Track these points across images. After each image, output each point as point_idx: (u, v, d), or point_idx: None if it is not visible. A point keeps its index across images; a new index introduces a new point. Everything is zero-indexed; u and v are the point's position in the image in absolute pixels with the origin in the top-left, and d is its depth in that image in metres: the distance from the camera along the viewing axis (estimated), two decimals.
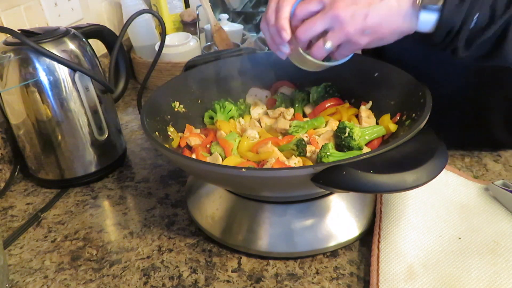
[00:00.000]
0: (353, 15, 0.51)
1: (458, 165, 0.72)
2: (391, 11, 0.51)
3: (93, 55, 0.75)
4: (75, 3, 1.06)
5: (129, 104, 1.08)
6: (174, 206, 0.69)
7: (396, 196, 0.61)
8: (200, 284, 0.55)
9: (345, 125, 0.61)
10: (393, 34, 0.53)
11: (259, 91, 0.77)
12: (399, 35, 0.53)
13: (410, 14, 0.51)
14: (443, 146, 0.48)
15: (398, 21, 0.51)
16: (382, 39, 0.53)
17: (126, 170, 0.80)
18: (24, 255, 0.62)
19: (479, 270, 0.50)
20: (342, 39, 0.53)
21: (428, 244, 0.54)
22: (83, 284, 0.56)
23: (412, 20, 0.51)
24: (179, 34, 1.16)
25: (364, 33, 0.52)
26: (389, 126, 0.63)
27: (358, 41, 0.53)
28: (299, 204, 0.58)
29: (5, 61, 0.67)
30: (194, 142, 0.67)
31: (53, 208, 0.72)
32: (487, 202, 0.61)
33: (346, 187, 0.45)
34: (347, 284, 0.53)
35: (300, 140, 0.61)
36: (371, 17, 0.51)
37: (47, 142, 0.73)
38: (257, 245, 0.57)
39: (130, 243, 0.62)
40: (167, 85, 0.70)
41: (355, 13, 0.51)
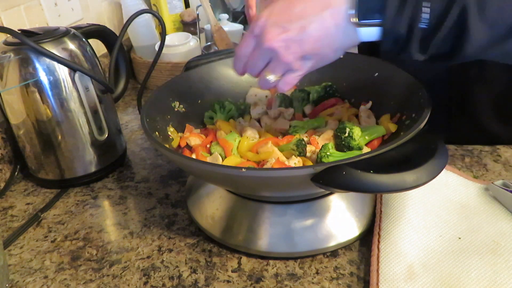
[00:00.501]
0: (287, 44, 0.48)
1: (458, 165, 0.72)
2: (328, 31, 0.48)
3: (93, 55, 0.75)
4: (75, 3, 1.06)
5: (129, 104, 1.08)
6: (174, 206, 0.69)
7: (396, 196, 0.61)
8: (200, 284, 0.55)
9: (345, 125, 0.61)
10: (337, 51, 0.51)
11: (259, 91, 0.77)
12: (344, 50, 0.51)
13: (349, 30, 0.48)
14: (443, 146, 0.48)
15: (337, 39, 0.49)
16: (327, 59, 0.51)
17: (126, 170, 0.80)
18: (24, 255, 0.62)
19: (479, 270, 0.50)
20: (283, 69, 0.51)
21: (428, 244, 0.54)
22: (83, 284, 0.56)
23: (353, 35, 0.49)
24: (179, 34, 1.16)
25: (305, 58, 0.50)
26: (389, 126, 0.63)
27: (301, 67, 0.50)
28: (299, 204, 0.58)
29: (5, 61, 0.67)
30: (194, 142, 0.67)
31: (53, 208, 0.72)
32: (487, 202, 0.61)
33: (346, 187, 0.45)
34: (347, 284, 0.53)
35: (300, 140, 0.61)
36: (307, 42, 0.48)
37: (47, 142, 0.73)
38: (257, 245, 0.57)
39: (130, 243, 0.62)
40: (167, 85, 0.70)
41: (289, 41, 0.48)
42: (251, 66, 0.53)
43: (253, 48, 0.51)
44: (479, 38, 0.44)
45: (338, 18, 0.47)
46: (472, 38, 0.44)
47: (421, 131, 0.50)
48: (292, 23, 0.48)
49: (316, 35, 0.48)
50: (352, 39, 0.49)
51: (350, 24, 0.47)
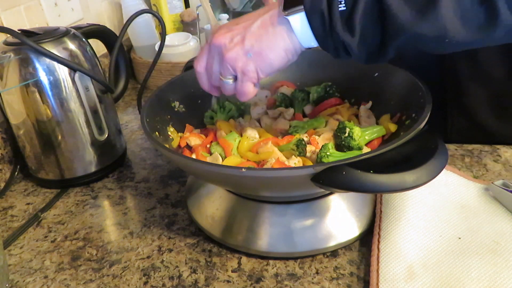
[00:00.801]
0: (231, 40, 0.52)
1: (458, 165, 0.72)
2: (267, 29, 0.51)
3: (93, 55, 0.75)
4: (75, 3, 1.06)
5: (129, 104, 1.08)
6: (174, 206, 0.69)
7: (396, 196, 0.61)
8: (200, 284, 0.55)
9: (345, 125, 0.61)
10: (278, 53, 0.51)
11: (259, 91, 0.77)
12: (285, 53, 0.51)
13: (282, 24, 0.50)
14: (443, 146, 0.48)
15: (274, 35, 0.51)
16: (268, 60, 0.52)
17: (126, 170, 0.80)
18: (24, 255, 0.62)
19: (479, 270, 0.50)
20: (228, 67, 0.53)
21: (428, 244, 0.54)
22: (83, 284, 0.56)
23: (287, 30, 0.50)
24: (179, 34, 1.16)
25: (247, 56, 0.52)
26: (389, 126, 0.63)
27: (245, 67, 0.52)
28: (299, 204, 0.58)
29: (5, 61, 0.67)
30: (194, 142, 0.67)
31: (53, 208, 0.72)
32: (487, 202, 0.61)
33: (346, 187, 0.45)
34: (347, 284, 0.53)
35: (300, 140, 0.61)
36: (248, 39, 0.51)
37: (47, 142, 0.73)
38: (257, 245, 0.57)
39: (130, 243, 0.62)
40: (167, 85, 0.70)
41: (232, 38, 0.52)
42: (210, 74, 0.56)
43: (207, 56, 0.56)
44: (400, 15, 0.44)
45: (274, 17, 0.51)
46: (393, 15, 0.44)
47: (421, 131, 0.50)
48: (237, 25, 0.53)
49: (256, 32, 0.51)
50: (287, 37, 0.50)
51: (281, 17, 0.50)
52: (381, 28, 0.45)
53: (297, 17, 0.49)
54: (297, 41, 0.51)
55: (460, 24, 0.43)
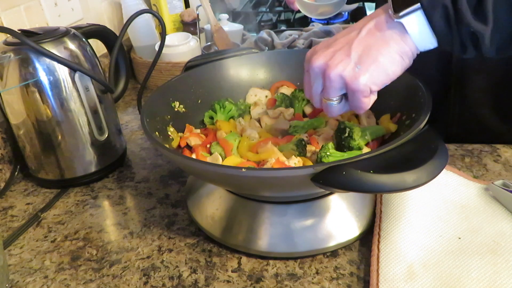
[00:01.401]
0: (333, 55, 0.48)
1: (458, 165, 0.72)
2: (372, 34, 0.47)
3: (93, 55, 0.75)
4: (75, 3, 1.06)
5: (129, 104, 1.08)
6: (174, 206, 0.69)
7: (396, 196, 0.61)
8: (200, 284, 0.55)
9: (345, 125, 0.61)
10: (392, 57, 0.47)
11: (259, 91, 0.77)
12: (400, 57, 0.47)
13: (394, 28, 0.46)
14: (443, 146, 0.48)
15: (384, 40, 0.46)
16: (385, 70, 0.47)
17: (126, 170, 0.80)
18: (24, 255, 0.62)
19: (479, 270, 0.50)
20: (335, 85, 0.48)
21: (428, 244, 0.54)
22: (83, 284, 0.56)
23: (401, 33, 0.46)
24: (179, 34, 1.16)
25: (356, 70, 0.47)
26: (389, 126, 0.63)
27: (354, 83, 0.47)
28: (299, 204, 0.58)
29: (5, 61, 0.67)
30: (194, 142, 0.67)
31: (53, 208, 0.72)
32: (487, 202, 0.61)
33: (346, 187, 0.45)
34: (347, 284, 0.53)
35: (300, 140, 0.61)
36: (354, 49, 0.47)
37: (47, 142, 0.73)
38: (257, 245, 0.57)
39: (130, 243, 0.62)
40: (167, 85, 0.70)
41: (335, 53, 0.48)
42: (307, 90, 0.53)
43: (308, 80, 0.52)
44: None
45: (382, 24, 0.47)
46: None
47: (421, 131, 0.50)
48: (337, 40, 0.48)
49: (363, 42, 0.47)
50: (400, 38, 0.46)
51: (392, 20, 0.46)
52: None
53: (413, 18, 0.44)
54: (412, 44, 0.46)
55: None
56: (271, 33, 1.15)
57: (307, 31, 1.19)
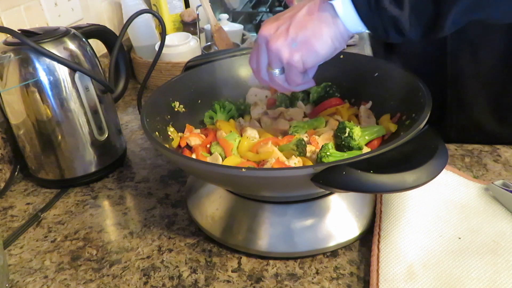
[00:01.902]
0: (276, 29, 0.51)
1: (458, 165, 0.72)
2: (313, 17, 0.50)
3: (93, 55, 0.75)
4: (75, 3, 1.06)
5: (129, 104, 1.08)
6: (174, 206, 0.69)
7: (396, 196, 0.61)
8: (200, 284, 0.55)
9: (345, 125, 0.61)
10: (324, 41, 0.50)
11: (259, 91, 0.77)
12: (331, 40, 0.50)
13: (327, 9, 0.48)
14: (443, 146, 0.48)
15: (319, 22, 0.49)
16: (316, 51, 0.50)
17: (126, 170, 0.80)
18: (24, 255, 0.62)
19: (479, 270, 0.50)
20: (274, 56, 0.52)
21: (428, 244, 0.54)
22: (83, 284, 0.56)
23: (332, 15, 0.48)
24: (179, 34, 1.16)
25: (291, 46, 0.50)
26: (389, 126, 0.63)
27: (290, 58, 0.51)
28: (299, 204, 0.58)
29: (5, 61, 0.67)
30: (194, 142, 0.67)
31: (53, 208, 0.72)
32: (487, 202, 0.61)
33: (346, 187, 0.45)
34: (347, 284, 0.53)
35: (300, 140, 0.61)
36: (293, 28, 0.50)
37: (47, 142, 0.73)
38: (257, 245, 0.57)
39: (130, 243, 0.62)
40: (167, 85, 0.70)
41: (278, 28, 0.51)
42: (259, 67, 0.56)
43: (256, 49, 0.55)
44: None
45: (318, 4, 0.49)
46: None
47: (421, 131, 0.50)
48: (284, 15, 0.52)
49: (301, 21, 0.50)
50: (333, 23, 0.49)
51: (327, 5, 0.48)
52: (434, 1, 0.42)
53: (341, 1, 0.46)
54: (343, 26, 0.49)
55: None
56: None
57: None
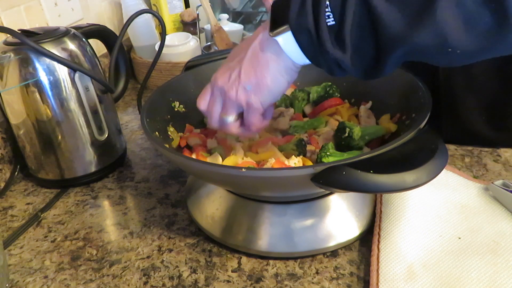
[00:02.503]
0: (229, 78, 0.51)
1: (458, 165, 0.72)
2: (258, 56, 0.49)
3: (93, 55, 0.75)
4: (75, 3, 1.06)
5: (129, 104, 1.08)
6: (174, 206, 0.69)
7: (396, 196, 0.61)
8: (200, 284, 0.55)
9: (345, 125, 0.61)
10: (274, 78, 0.49)
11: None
12: (281, 76, 0.49)
13: (272, 46, 0.48)
14: (443, 146, 0.48)
15: (265, 62, 0.49)
16: (266, 88, 0.50)
17: (126, 170, 0.80)
18: (24, 255, 0.62)
19: (479, 270, 0.50)
20: (231, 105, 0.53)
21: (428, 244, 0.54)
22: (83, 284, 0.56)
23: (277, 51, 0.48)
24: (179, 34, 1.16)
25: (246, 90, 0.51)
26: (389, 126, 0.63)
27: (248, 100, 0.51)
28: (299, 204, 0.58)
29: (5, 61, 0.67)
30: (194, 142, 0.67)
31: (53, 208, 0.72)
32: (487, 202, 0.61)
33: (346, 187, 0.45)
34: (347, 284, 0.53)
35: (300, 140, 0.61)
36: (243, 70, 0.50)
37: (47, 142, 0.73)
38: (257, 245, 0.57)
39: (130, 243, 0.62)
40: (167, 85, 0.70)
41: (231, 75, 0.51)
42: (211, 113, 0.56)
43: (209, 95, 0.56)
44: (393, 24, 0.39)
45: (263, 42, 0.49)
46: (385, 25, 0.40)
47: (421, 131, 0.50)
48: (233, 60, 0.52)
49: (249, 64, 0.50)
50: (279, 58, 0.48)
51: (270, 40, 0.48)
52: (374, 41, 0.42)
53: (286, 37, 0.46)
54: (289, 60, 0.48)
55: (462, 29, 0.37)
56: None
57: None
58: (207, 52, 1.12)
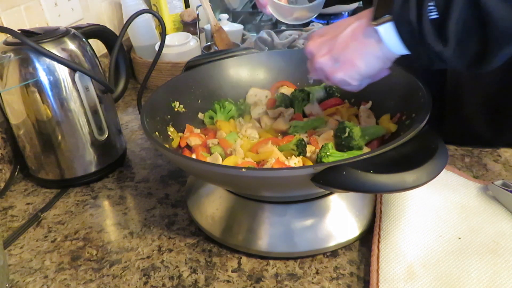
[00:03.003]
0: (320, 47, 0.54)
1: (458, 165, 0.72)
2: (355, 35, 0.51)
3: (93, 55, 0.75)
4: (75, 3, 1.06)
5: (129, 104, 1.08)
6: (174, 206, 0.69)
7: (396, 196, 0.61)
8: (200, 284, 0.55)
9: (345, 125, 0.61)
10: (368, 60, 0.51)
11: (259, 91, 0.77)
12: (376, 60, 0.51)
13: (372, 33, 0.49)
14: (443, 146, 0.48)
15: (363, 44, 0.50)
16: (358, 70, 0.52)
17: (126, 170, 0.80)
18: (24, 255, 0.62)
19: (479, 270, 0.50)
20: (319, 71, 0.55)
21: (428, 244, 0.54)
22: (83, 284, 0.56)
23: (375, 39, 0.49)
24: (179, 34, 1.16)
25: (334, 66, 0.53)
26: (389, 126, 0.63)
27: (332, 77, 0.53)
28: (299, 204, 0.58)
29: (5, 61, 0.67)
30: (194, 142, 0.67)
31: (53, 208, 0.72)
32: (487, 202, 0.61)
33: (346, 187, 0.45)
34: (347, 284, 0.53)
35: (300, 140, 0.61)
36: (337, 45, 0.52)
37: (47, 142, 0.73)
38: (257, 245, 0.57)
39: (130, 243, 0.62)
40: (167, 85, 0.70)
41: (322, 46, 0.53)
42: None
43: None
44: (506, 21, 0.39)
45: (363, 27, 0.50)
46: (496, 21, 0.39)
47: (421, 131, 0.50)
48: (328, 33, 0.54)
49: (344, 42, 0.51)
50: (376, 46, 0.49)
51: (370, 27, 0.49)
52: (481, 37, 0.42)
53: (387, 27, 0.47)
54: (387, 49, 0.49)
55: None
56: (271, 33, 1.15)
57: (307, 31, 1.19)
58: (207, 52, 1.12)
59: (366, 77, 0.53)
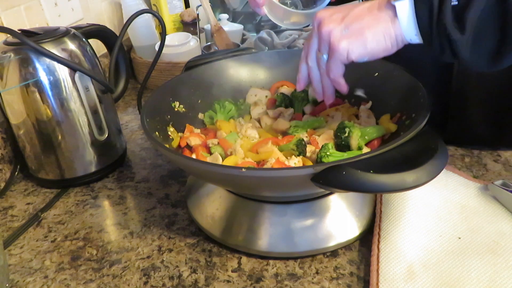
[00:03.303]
0: (331, 15, 0.52)
1: (458, 165, 0.72)
2: (370, 10, 0.50)
3: (93, 55, 0.75)
4: (75, 3, 1.06)
5: (129, 104, 1.08)
6: (174, 206, 0.69)
7: (396, 196, 0.61)
8: (200, 284, 0.55)
9: (345, 125, 0.61)
10: (376, 35, 0.50)
11: (259, 91, 0.77)
12: (384, 38, 0.50)
13: (388, 10, 0.49)
14: (443, 146, 0.48)
15: (377, 17, 0.49)
16: (364, 43, 0.50)
17: (126, 170, 0.80)
18: (24, 255, 0.62)
19: (479, 270, 0.50)
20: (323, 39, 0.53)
21: (428, 244, 0.54)
22: (83, 284, 0.56)
23: (391, 15, 0.49)
24: (179, 34, 1.16)
25: (342, 32, 0.51)
26: (389, 126, 0.63)
27: (336, 43, 0.51)
28: (299, 204, 0.58)
29: (5, 61, 0.67)
30: (194, 142, 0.67)
31: (53, 208, 0.72)
32: (487, 202, 0.61)
33: (346, 187, 0.45)
34: (347, 284, 0.53)
35: (300, 140, 0.61)
36: (349, 16, 0.51)
37: (47, 142, 0.73)
38: (257, 245, 0.57)
39: (130, 243, 0.62)
40: (167, 85, 0.70)
41: (333, 14, 0.52)
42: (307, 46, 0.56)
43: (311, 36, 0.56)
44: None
45: (381, 4, 0.50)
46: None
47: (421, 131, 0.50)
48: (341, 8, 0.53)
49: (360, 13, 0.51)
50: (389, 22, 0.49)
51: (387, 3, 0.49)
52: (500, 33, 0.41)
53: (404, 4, 0.46)
54: (399, 29, 0.48)
55: None
56: (271, 33, 1.15)
57: (307, 31, 1.19)
58: (207, 52, 1.12)
59: (368, 53, 0.51)
